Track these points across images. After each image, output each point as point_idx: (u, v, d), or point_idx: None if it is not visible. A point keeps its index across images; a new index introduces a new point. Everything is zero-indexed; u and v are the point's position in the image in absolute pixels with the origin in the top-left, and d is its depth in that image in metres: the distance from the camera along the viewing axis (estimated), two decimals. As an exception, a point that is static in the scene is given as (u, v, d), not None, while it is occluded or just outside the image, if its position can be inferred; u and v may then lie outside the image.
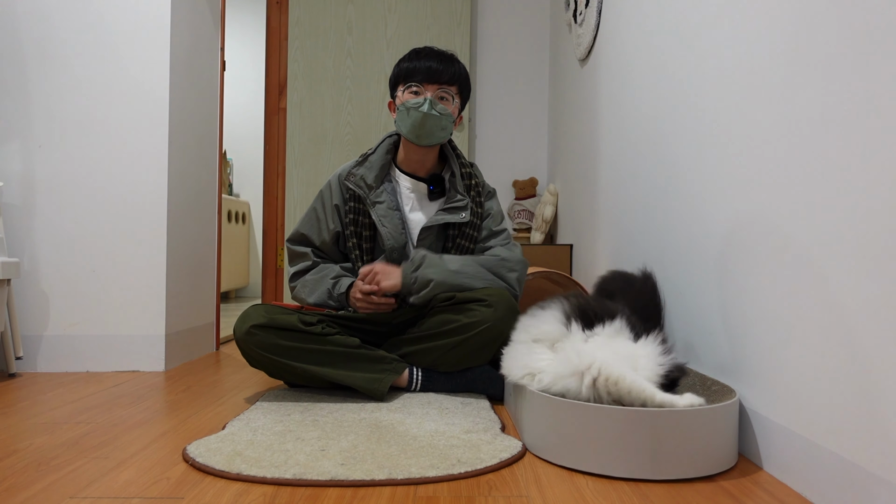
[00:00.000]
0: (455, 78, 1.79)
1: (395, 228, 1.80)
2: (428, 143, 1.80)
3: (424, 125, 1.75)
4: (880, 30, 0.86)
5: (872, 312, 0.88)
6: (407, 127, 1.78)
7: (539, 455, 1.21)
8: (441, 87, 1.77)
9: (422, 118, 1.75)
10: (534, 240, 3.15)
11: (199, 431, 1.37)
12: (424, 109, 1.74)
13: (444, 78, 1.77)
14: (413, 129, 1.77)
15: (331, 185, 1.89)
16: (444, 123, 1.77)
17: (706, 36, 1.42)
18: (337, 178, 1.88)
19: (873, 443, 0.87)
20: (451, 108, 1.79)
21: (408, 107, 1.76)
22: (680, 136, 1.56)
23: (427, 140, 1.79)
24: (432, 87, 1.77)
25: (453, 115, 1.81)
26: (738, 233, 1.25)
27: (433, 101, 1.75)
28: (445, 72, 1.77)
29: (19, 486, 1.05)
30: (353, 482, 1.04)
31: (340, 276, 1.82)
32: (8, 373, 2.02)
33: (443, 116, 1.76)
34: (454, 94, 1.80)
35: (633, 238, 1.93)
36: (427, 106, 1.74)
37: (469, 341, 1.63)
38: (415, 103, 1.75)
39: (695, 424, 1.09)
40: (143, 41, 2.14)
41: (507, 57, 3.52)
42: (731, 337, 1.29)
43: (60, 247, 2.10)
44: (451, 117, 1.79)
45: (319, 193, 1.90)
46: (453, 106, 1.81)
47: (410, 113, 1.76)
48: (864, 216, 0.89)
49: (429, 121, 1.75)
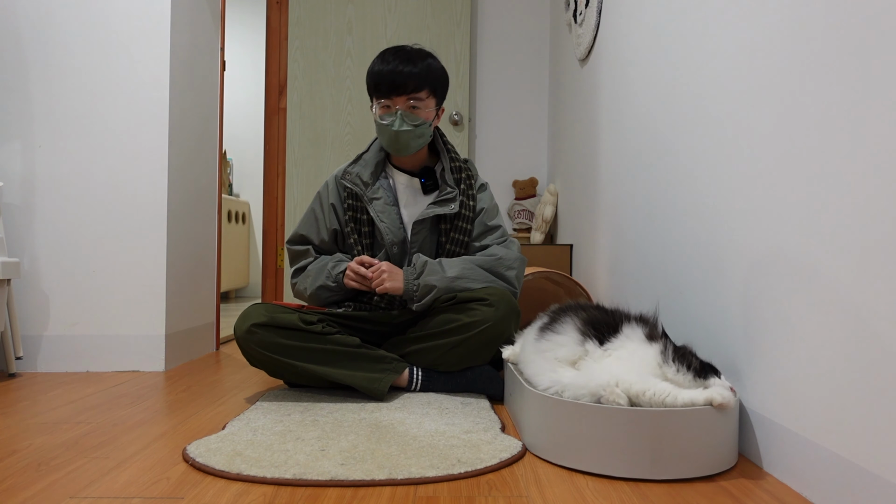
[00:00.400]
0: (422, 83, 1.75)
1: (394, 223, 1.81)
2: (408, 154, 1.82)
3: (398, 140, 1.77)
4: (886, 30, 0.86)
5: (873, 312, 0.88)
6: (385, 142, 1.81)
7: (539, 455, 1.21)
8: (409, 97, 1.75)
9: (395, 135, 1.76)
10: (534, 240, 3.15)
11: (199, 431, 1.37)
12: (395, 127, 1.75)
13: (410, 87, 1.74)
14: (390, 145, 1.80)
15: (328, 185, 1.90)
16: (418, 132, 1.78)
17: (706, 35, 1.42)
18: (333, 179, 1.90)
19: (873, 443, 0.87)
20: (424, 113, 1.78)
21: (381, 123, 1.78)
22: (680, 136, 1.56)
23: (406, 151, 1.81)
24: (401, 99, 1.75)
25: (428, 119, 1.79)
26: (737, 232, 1.25)
27: (404, 114, 1.75)
28: (411, 79, 1.73)
29: (19, 486, 1.05)
30: (353, 482, 1.04)
31: (341, 259, 1.83)
32: (8, 373, 2.02)
33: (415, 128, 1.76)
34: (426, 97, 1.78)
35: (632, 238, 1.93)
36: (398, 122, 1.75)
37: (470, 341, 1.63)
38: (387, 120, 1.76)
39: (695, 424, 1.09)
40: (143, 41, 2.14)
41: (507, 57, 3.52)
42: (731, 337, 1.29)
43: (60, 247, 2.10)
44: (426, 124, 1.79)
45: (317, 195, 1.91)
46: (427, 111, 1.79)
47: (384, 130, 1.78)
48: (864, 216, 0.89)
49: (401, 136, 1.76)
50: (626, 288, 2.00)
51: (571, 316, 1.36)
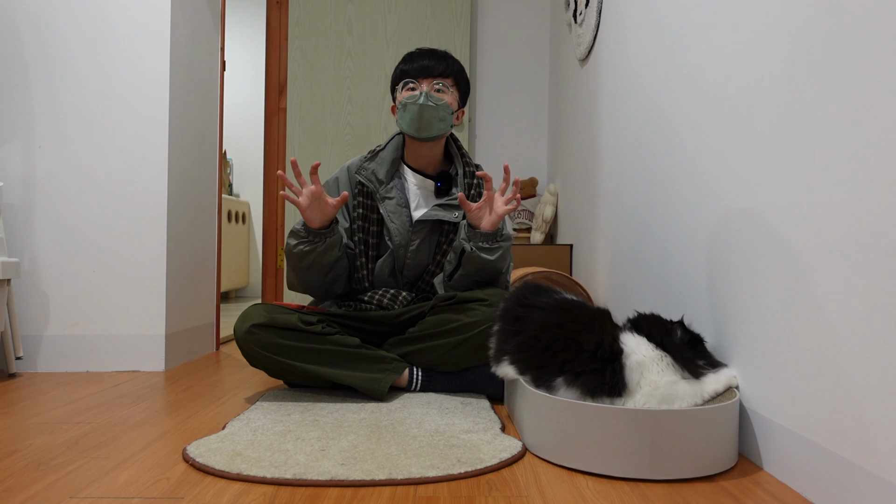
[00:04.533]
0: (449, 71, 1.82)
1: (403, 225, 1.82)
2: (428, 136, 1.79)
3: (422, 116, 1.77)
4: (882, 27, 0.86)
5: (873, 312, 0.88)
6: (406, 122, 1.79)
7: (539, 455, 1.21)
8: (436, 80, 1.80)
9: (419, 110, 1.76)
10: (534, 240, 3.15)
11: (199, 431, 1.37)
12: (420, 101, 1.76)
13: (437, 71, 1.80)
14: (412, 123, 1.78)
15: (339, 178, 1.88)
16: (441, 114, 1.78)
17: (706, 35, 1.42)
18: (346, 172, 1.89)
19: (873, 443, 0.87)
20: (448, 98, 1.81)
21: (405, 102, 1.79)
22: (680, 136, 1.56)
23: (427, 132, 1.79)
24: (427, 80, 1.80)
25: (452, 106, 1.81)
26: (738, 232, 1.25)
27: (429, 93, 1.78)
28: (438, 65, 1.80)
29: (19, 486, 1.05)
30: (353, 482, 1.04)
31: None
32: (8, 373, 2.02)
33: (439, 107, 1.78)
34: (450, 86, 1.82)
35: (633, 238, 1.93)
36: (423, 98, 1.77)
37: (470, 341, 1.63)
38: (411, 97, 1.78)
39: (695, 424, 1.09)
40: (144, 41, 2.14)
41: (507, 57, 3.52)
42: (731, 337, 1.29)
43: (60, 247, 2.10)
44: (449, 108, 1.80)
45: (325, 185, 1.86)
46: (450, 97, 1.82)
47: (408, 108, 1.78)
48: (863, 215, 0.89)
49: (426, 112, 1.76)
50: (626, 288, 2.00)
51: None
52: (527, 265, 2.73)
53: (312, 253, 1.70)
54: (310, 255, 1.70)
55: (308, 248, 1.69)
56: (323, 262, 1.72)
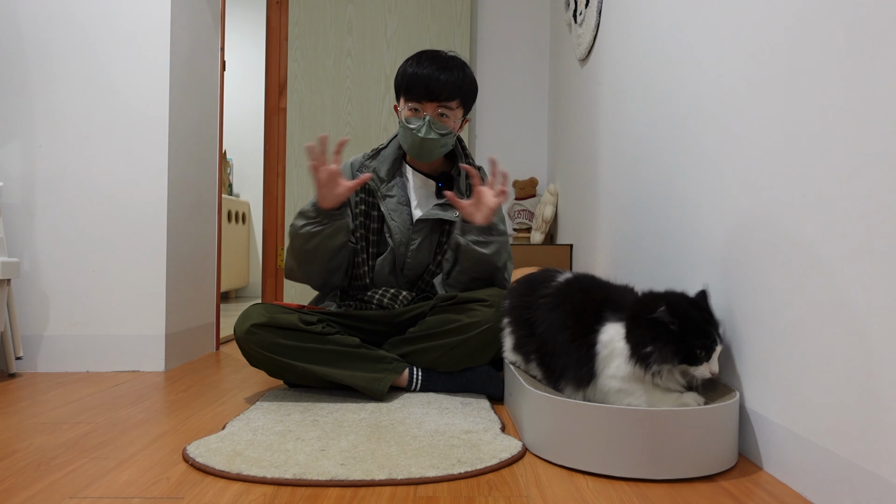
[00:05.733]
0: (455, 92, 1.76)
1: (404, 223, 1.83)
2: (428, 160, 1.82)
3: (423, 147, 1.78)
4: (883, 25, 0.86)
5: (874, 312, 0.88)
6: (407, 145, 1.81)
7: (539, 455, 1.21)
8: (441, 105, 1.76)
9: (420, 142, 1.76)
10: (534, 240, 3.15)
11: (199, 431, 1.37)
12: (421, 134, 1.75)
13: (444, 95, 1.74)
14: (412, 149, 1.80)
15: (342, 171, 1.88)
16: (443, 142, 1.79)
17: (706, 35, 1.42)
18: (349, 168, 1.89)
19: (873, 443, 0.87)
20: (451, 123, 1.79)
21: (407, 127, 1.77)
22: (680, 136, 1.56)
23: (427, 158, 1.81)
24: (431, 105, 1.75)
25: (454, 129, 1.81)
26: (738, 232, 1.25)
27: (432, 121, 1.75)
28: (445, 87, 1.74)
29: (19, 486, 1.05)
30: (353, 482, 1.04)
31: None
32: (8, 373, 2.02)
33: (441, 137, 1.77)
34: (456, 107, 1.79)
35: (632, 238, 1.93)
36: (425, 129, 1.74)
37: (470, 341, 1.63)
38: (415, 126, 1.75)
39: (695, 424, 1.09)
40: (143, 41, 2.14)
41: (507, 57, 3.52)
42: (731, 337, 1.29)
43: (60, 247, 2.10)
44: (452, 134, 1.80)
45: None
46: (454, 121, 1.80)
47: (409, 134, 1.78)
48: (867, 215, 0.89)
49: (426, 144, 1.77)
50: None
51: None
52: (527, 265, 2.73)
53: (319, 235, 1.70)
54: (316, 237, 1.70)
55: (315, 230, 1.69)
56: (328, 245, 1.72)
